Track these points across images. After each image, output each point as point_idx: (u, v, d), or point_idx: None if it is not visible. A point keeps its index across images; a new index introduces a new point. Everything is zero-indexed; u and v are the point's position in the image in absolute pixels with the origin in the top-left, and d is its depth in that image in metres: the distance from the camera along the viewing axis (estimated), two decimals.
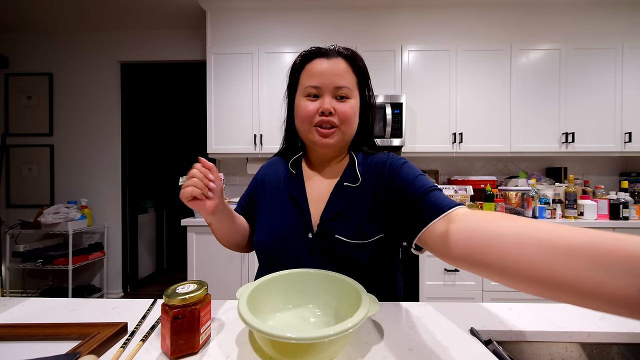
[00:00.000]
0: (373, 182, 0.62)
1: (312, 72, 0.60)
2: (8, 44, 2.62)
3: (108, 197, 2.65)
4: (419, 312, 0.58)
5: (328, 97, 0.59)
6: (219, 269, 1.83)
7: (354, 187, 0.62)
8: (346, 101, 0.60)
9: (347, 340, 0.45)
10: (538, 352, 0.52)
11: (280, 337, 0.36)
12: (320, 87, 0.59)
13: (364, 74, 0.64)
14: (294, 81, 0.65)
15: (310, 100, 0.60)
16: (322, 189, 0.65)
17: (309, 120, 0.60)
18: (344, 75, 0.60)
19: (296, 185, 0.66)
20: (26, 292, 2.58)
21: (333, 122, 0.59)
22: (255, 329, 0.38)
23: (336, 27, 2.20)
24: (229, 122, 2.14)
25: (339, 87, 0.59)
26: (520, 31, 2.18)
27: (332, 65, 0.60)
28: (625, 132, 2.06)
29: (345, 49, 0.63)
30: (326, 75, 0.59)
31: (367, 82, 0.65)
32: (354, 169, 0.64)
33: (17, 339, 0.48)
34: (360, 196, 0.61)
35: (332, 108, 0.58)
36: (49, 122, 2.62)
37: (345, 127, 0.60)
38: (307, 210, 0.62)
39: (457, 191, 1.93)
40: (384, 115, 1.98)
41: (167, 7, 2.31)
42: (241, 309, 0.42)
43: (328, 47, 0.63)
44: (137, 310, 0.59)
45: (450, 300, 1.80)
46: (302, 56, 0.64)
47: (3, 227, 2.43)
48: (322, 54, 0.61)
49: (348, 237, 0.58)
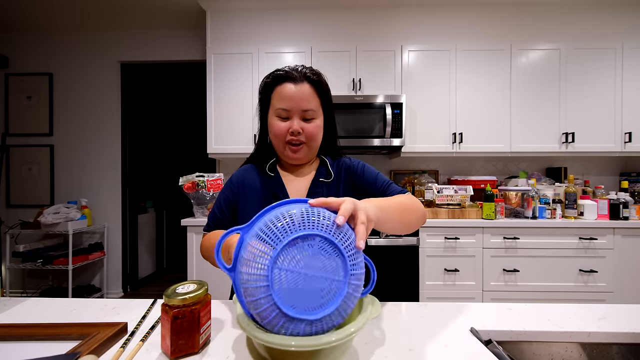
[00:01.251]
0: (343, 178, 0.76)
1: (282, 95, 0.68)
2: (8, 44, 2.62)
3: (108, 197, 2.65)
4: (419, 312, 0.58)
5: (296, 118, 0.69)
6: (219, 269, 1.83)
7: (328, 182, 0.75)
8: (312, 121, 0.70)
9: (350, 345, 0.44)
10: (538, 352, 0.52)
11: (282, 345, 0.35)
12: (289, 109, 0.68)
13: (327, 94, 0.73)
14: (265, 98, 0.73)
15: (281, 121, 0.69)
16: (300, 185, 0.75)
17: (282, 138, 0.70)
18: (310, 99, 0.69)
19: (276, 184, 0.74)
20: (26, 292, 2.58)
21: (301, 140, 0.70)
22: (258, 338, 0.37)
23: (336, 27, 2.20)
24: (229, 122, 2.14)
25: (306, 110, 0.69)
26: (521, 31, 2.18)
27: (299, 91, 0.68)
28: (625, 132, 2.06)
29: (312, 72, 0.71)
30: (294, 100, 0.68)
31: (330, 100, 0.74)
32: (327, 168, 0.77)
33: (17, 339, 0.48)
34: (334, 189, 0.75)
35: (299, 129, 0.68)
36: (49, 122, 2.62)
37: (312, 142, 0.71)
38: None
39: (457, 191, 1.93)
40: (384, 115, 1.97)
41: (167, 7, 2.31)
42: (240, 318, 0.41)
43: (295, 69, 0.70)
44: (137, 310, 0.59)
45: (450, 300, 1.80)
46: (272, 77, 0.71)
47: (3, 227, 2.43)
48: (290, 78, 0.69)
49: None
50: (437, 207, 1.91)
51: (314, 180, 0.74)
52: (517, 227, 1.79)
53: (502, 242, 1.80)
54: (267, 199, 0.72)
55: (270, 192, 0.73)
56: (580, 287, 1.79)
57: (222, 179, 1.94)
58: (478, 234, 1.80)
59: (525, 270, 1.79)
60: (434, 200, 1.93)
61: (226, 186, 0.78)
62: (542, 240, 1.79)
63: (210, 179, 1.90)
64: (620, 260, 1.78)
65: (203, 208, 1.91)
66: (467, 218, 1.86)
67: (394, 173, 2.47)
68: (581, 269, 1.78)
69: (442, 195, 1.92)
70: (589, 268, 1.78)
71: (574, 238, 1.79)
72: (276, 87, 0.70)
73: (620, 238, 1.78)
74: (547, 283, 1.79)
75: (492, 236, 1.80)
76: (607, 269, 1.78)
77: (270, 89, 0.71)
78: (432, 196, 1.94)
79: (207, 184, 1.88)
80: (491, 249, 1.80)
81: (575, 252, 1.79)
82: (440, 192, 1.93)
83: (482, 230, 1.80)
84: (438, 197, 1.92)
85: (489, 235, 1.80)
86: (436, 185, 1.96)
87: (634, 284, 1.78)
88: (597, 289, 1.78)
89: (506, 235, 1.79)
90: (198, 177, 1.89)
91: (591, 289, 1.79)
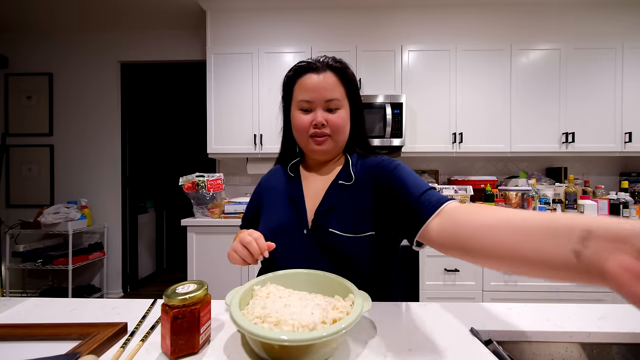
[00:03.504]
0: (367, 181, 0.66)
1: (304, 87, 0.65)
2: (8, 44, 2.62)
3: (108, 197, 2.65)
4: (419, 312, 0.58)
5: (320, 109, 0.64)
6: (219, 269, 1.83)
7: (348, 185, 0.67)
8: (336, 112, 0.65)
9: (342, 340, 0.45)
10: (538, 352, 0.52)
11: (273, 339, 0.36)
12: (312, 101, 0.64)
13: (352, 83, 0.67)
14: (287, 93, 0.70)
15: (304, 114, 0.65)
16: (319, 187, 0.69)
17: (305, 132, 0.65)
18: (334, 88, 0.64)
19: (294, 185, 0.71)
20: (26, 292, 2.58)
21: (325, 132, 0.65)
22: (248, 331, 0.38)
23: (336, 27, 2.20)
24: (229, 122, 2.14)
25: (330, 100, 0.64)
26: (521, 31, 2.17)
27: (322, 80, 0.64)
28: (625, 132, 2.06)
29: (334, 60, 0.67)
30: (317, 90, 0.63)
31: (356, 91, 0.69)
32: (349, 169, 0.69)
33: (17, 339, 0.48)
34: (353, 194, 0.65)
35: (323, 120, 0.64)
36: (49, 122, 2.62)
37: (337, 136, 0.66)
38: (303, 206, 0.67)
39: (457, 191, 1.93)
40: (384, 115, 1.97)
41: (167, 7, 2.31)
42: (233, 311, 0.42)
43: (318, 60, 0.66)
44: (137, 310, 0.59)
45: (450, 300, 1.80)
46: (294, 70, 0.68)
47: (3, 227, 2.43)
48: (312, 68, 0.65)
49: (341, 230, 0.62)
50: None
51: (333, 182, 0.67)
52: None
53: None
54: (283, 200, 0.70)
55: (287, 194, 0.70)
56: (580, 287, 1.79)
57: (222, 179, 1.94)
58: None
59: None
60: None
61: (257, 186, 0.80)
62: None
63: (210, 179, 1.90)
64: None
65: (203, 208, 1.91)
66: None
67: None
68: None
69: None
70: None
71: None
72: (298, 80, 0.66)
73: None
74: (547, 283, 1.79)
75: None
76: None
77: (293, 82, 0.67)
78: None
79: (207, 184, 1.88)
80: None
81: None
82: (441, 192, 1.92)
83: None
84: None
85: None
86: (436, 185, 1.96)
87: None
88: (597, 289, 1.78)
89: None
90: (198, 177, 1.89)
91: (591, 289, 1.79)
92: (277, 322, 0.41)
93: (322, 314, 0.44)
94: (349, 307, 0.46)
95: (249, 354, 0.44)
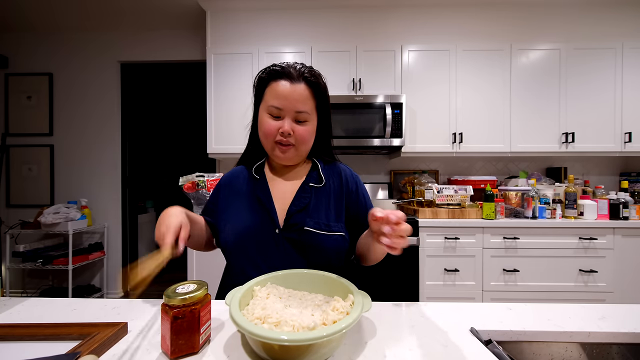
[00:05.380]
0: (336, 186, 0.72)
1: (276, 93, 0.65)
2: (8, 44, 2.62)
3: (108, 197, 2.65)
4: (419, 312, 0.58)
5: (288, 119, 0.66)
6: (219, 269, 1.83)
7: (318, 187, 0.71)
8: (304, 124, 0.67)
9: (342, 340, 0.45)
10: (538, 352, 0.52)
11: (274, 339, 0.36)
12: (282, 108, 0.65)
13: (324, 97, 0.70)
14: (259, 93, 0.71)
15: (272, 119, 0.66)
16: (287, 189, 0.72)
17: (271, 137, 0.67)
18: (305, 101, 0.66)
19: (260, 187, 0.72)
20: (26, 292, 2.58)
21: (290, 142, 0.67)
22: (248, 331, 0.38)
23: (336, 27, 2.20)
24: (229, 122, 2.14)
25: (300, 112, 0.66)
26: (520, 31, 2.17)
27: (294, 91, 0.65)
28: (625, 132, 2.06)
29: (310, 72, 0.67)
30: (288, 100, 0.65)
31: (327, 104, 0.71)
32: (318, 172, 0.73)
33: (17, 339, 0.48)
34: (324, 195, 0.71)
35: (290, 130, 0.65)
36: (49, 122, 2.62)
37: (301, 146, 0.68)
38: (272, 207, 0.69)
39: (457, 191, 1.93)
40: (384, 115, 1.97)
41: (167, 7, 2.31)
42: (233, 311, 0.42)
43: (294, 67, 0.67)
44: (137, 310, 0.59)
45: (450, 300, 1.80)
46: (267, 73, 0.68)
47: (3, 227, 2.43)
48: (287, 75, 0.65)
49: (316, 228, 0.66)
50: (437, 207, 1.91)
51: (303, 184, 0.71)
52: (517, 227, 1.79)
53: (502, 242, 1.80)
54: (249, 201, 0.71)
55: (253, 195, 0.71)
56: (580, 287, 1.79)
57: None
58: (478, 234, 1.80)
59: (525, 270, 1.79)
60: (434, 200, 1.93)
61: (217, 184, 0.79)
62: (542, 240, 1.79)
63: (210, 179, 1.90)
64: (620, 260, 1.78)
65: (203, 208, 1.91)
66: (467, 218, 1.86)
67: (394, 173, 2.47)
68: (581, 269, 1.78)
69: (442, 195, 1.92)
70: (589, 268, 1.78)
71: (574, 238, 1.79)
72: (271, 83, 0.67)
73: (620, 238, 1.78)
74: (547, 283, 1.79)
75: (492, 236, 1.80)
76: (607, 269, 1.78)
77: (265, 84, 0.68)
78: (432, 196, 1.94)
79: (207, 184, 1.88)
80: (491, 249, 1.80)
81: (575, 252, 1.79)
82: (440, 192, 1.93)
83: (482, 230, 1.80)
84: (438, 197, 1.92)
85: (489, 235, 1.80)
86: (436, 185, 1.96)
87: (634, 284, 1.78)
88: (597, 289, 1.78)
89: (506, 235, 1.79)
90: (198, 177, 1.88)
91: (591, 289, 1.79)
92: (278, 323, 0.41)
93: (323, 316, 0.44)
94: (348, 307, 0.46)
95: (249, 354, 0.44)
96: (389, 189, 2.40)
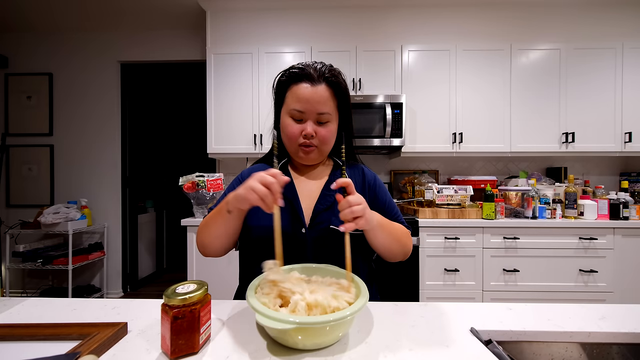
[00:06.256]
0: (358, 185, 0.74)
1: (297, 96, 0.66)
2: (8, 44, 2.62)
3: (108, 197, 2.65)
4: (419, 312, 0.58)
5: (310, 121, 0.66)
6: (219, 269, 1.83)
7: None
8: (326, 125, 0.68)
9: (350, 324, 0.48)
10: (538, 352, 0.52)
11: (283, 320, 0.39)
12: (304, 111, 0.66)
13: (345, 96, 0.70)
14: (279, 96, 0.71)
15: (294, 122, 0.67)
16: (312, 188, 0.73)
17: (295, 140, 0.68)
18: (326, 102, 0.66)
19: (287, 186, 0.68)
20: (26, 292, 2.58)
21: (313, 143, 0.68)
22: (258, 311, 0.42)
23: (336, 27, 2.20)
24: (229, 122, 2.14)
25: (321, 113, 0.66)
26: (520, 31, 2.17)
27: (315, 93, 0.65)
28: (625, 132, 2.06)
29: (330, 71, 0.67)
30: (310, 102, 0.65)
31: (348, 103, 0.72)
32: (340, 171, 0.74)
33: (17, 339, 0.48)
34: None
35: (313, 132, 0.66)
36: (49, 122, 2.62)
37: (324, 147, 0.69)
38: (300, 207, 0.69)
39: (457, 191, 1.93)
40: (384, 115, 1.97)
41: (167, 7, 2.31)
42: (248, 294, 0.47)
43: (314, 67, 0.67)
44: (137, 310, 0.59)
45: (450, 300, 1.80)
46: (287, 75, 0.68)
47: (3, 227, 2.43)
48: (307, 76, 0.66)
49: None
50: (437, 207, 1.91)
51: (328, 183, 0.72)
52: (517, 227, 1.79)
53: (502, 242, 1.80)
54: None
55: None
56: (581, 287, 1.79)
57: (222, 179, 1.94)
58: (478, 234, 1.80)
59: (526, 270, 1.79)
60: (434, 200, 1.93)
61: (235, 180, 0.75)
62: (542, 240, 1.79)
63: (210, 179, 1.90)
64: (620, 260, 1.78)
65: (203, 208, 1.91)
66: (467, 218, 1.86)
67: (394, 173, 2.47)
68: (581, 269, 1.78)
69: (442, 195, 1.92)
70: (589, 268, 1.78)
71: (574, 238, 1.79)
72: (292, 86, 0.67)
73: (620, 238, 1.78)
74: (547, 283, 1.79)
75: (492, 236, 1.80)
76: (607, 269, 1.78)
77: (285, 87, 0.69)
78: (432, 196, 1.94)
79: (207, 184, 1.88)
80: (491, 249, 1.80)
81: (575, 252, 1.79)
82: (440, 192, 1.93)
83: (482, 230, 1.80)
84: (438, 197, 1.92)
85: (489, 235, 1.80)
86: (436, 185, 1.96)
87: (634, 284, 1.78)
88: (597, 289, 1.78)
89: (506, 235, 1.79)
90: (198, 177, 1.88)
91: (591, 289, 1.79)
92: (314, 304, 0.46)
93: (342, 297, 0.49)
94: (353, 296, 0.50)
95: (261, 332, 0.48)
96: (389, 189, 2.40)
